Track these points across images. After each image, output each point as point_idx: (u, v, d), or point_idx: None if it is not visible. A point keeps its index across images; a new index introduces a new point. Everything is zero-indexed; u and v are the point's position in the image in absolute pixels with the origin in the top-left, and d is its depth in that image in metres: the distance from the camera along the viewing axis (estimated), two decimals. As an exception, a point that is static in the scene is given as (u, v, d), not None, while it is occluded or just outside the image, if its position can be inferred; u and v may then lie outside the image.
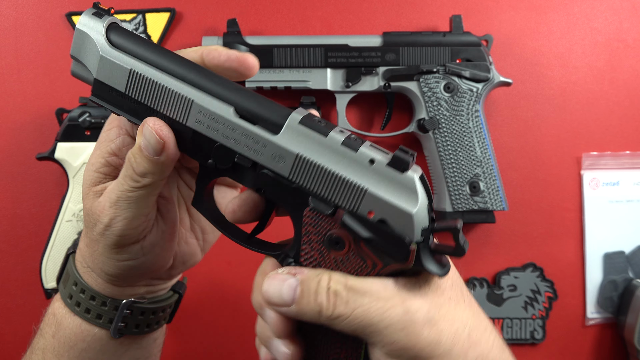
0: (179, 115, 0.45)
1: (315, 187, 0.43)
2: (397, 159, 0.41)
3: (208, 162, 0.46)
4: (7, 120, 0.92)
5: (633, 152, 0.98)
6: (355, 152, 0.42)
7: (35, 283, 0.91)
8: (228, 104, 0.44)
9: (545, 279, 0.96)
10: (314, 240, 0.44)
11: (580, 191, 0.97)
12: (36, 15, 0.92)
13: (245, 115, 0.44)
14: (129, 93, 0.46)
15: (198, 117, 0.45)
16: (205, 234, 0.59)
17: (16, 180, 0.92)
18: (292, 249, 0.46)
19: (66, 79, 0.92)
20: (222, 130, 0.44)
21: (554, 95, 0.98)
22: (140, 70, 0.45)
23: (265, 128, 0.44)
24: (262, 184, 0.45)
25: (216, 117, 0.44)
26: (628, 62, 0.98)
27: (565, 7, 0.98)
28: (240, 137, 0.44)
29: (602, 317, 0.97)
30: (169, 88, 0.45)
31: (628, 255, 0.97)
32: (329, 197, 0.43)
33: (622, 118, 0.98)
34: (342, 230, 0.43)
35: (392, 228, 0.41)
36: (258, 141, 0.44)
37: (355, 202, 0.42)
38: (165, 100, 0.45)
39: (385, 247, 0.41)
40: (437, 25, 0.96)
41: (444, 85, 0.88)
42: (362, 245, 0.42)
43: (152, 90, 0.46)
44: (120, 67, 0.46)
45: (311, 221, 0.44)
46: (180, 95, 0.45)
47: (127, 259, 0.51)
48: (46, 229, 0.91)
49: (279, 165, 0.43)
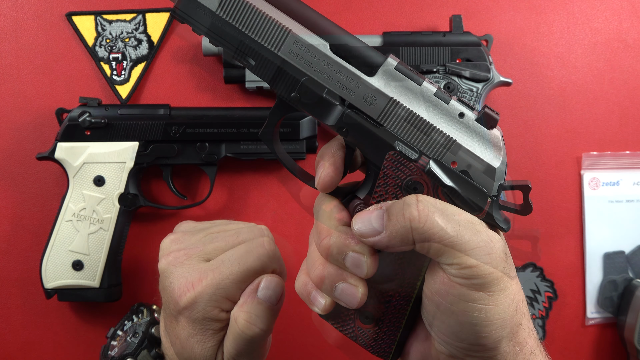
0: (271, 43, 0.45)
1: (402, 132, 0.44)
2: (486, 116, 0.44)
3: (291, 95, 0.45)
4: (7, 120, 0.92)
5: (633, 152, 0.98)
6: (447, 104, 0.44)
7: (35, 283, 0.91)
8: (325, 39, 0.44)
9: (545, 279, 0.96)
10: (390, 184, 0.45)
11: (580, 191, 0.97)
12: (36, 15, 0.92)
13: (340, 52, 0.44)
14: (221, 13, 0.45)
15: (292, 48, 0.44)
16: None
17: (16, 180, 0.92)
18: (361, 191, 0.47)
19: (66, 79, 0.92)
20: (315, 64, 0.44)
21: (554, 95, 0.98)
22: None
23: (359, 68, 0.44)
24: (346, 124, 0.45)
25: (312, 50, 0.44)
26: (628, 62, 0.98)
27: (565, 7, 0.98)
28: (333, 73, 0.44)
29: (602, 317, 0.97)
30: (267, 14, 0.44)
31: (628, 255, 0.97)
32: (415, 143, 0.44)
33: (622, 118, 0.98)
34: (423, 176, 0.44)
35: (473, 179, 0.43)
36: (352, 79, 0.44)
37: (442, 151, 0.44)
38: (260, 26, 0.45)
39: (464, 197, 0.43)
40: (437, 25, 0.96)
41: (444, 85, 0.88)
42: (440, 192, 0.44)
43: (248, 14, 0.45)
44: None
45: (392, 165, 0.45)
46: (277, 23, 0.44)
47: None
48: (46, 229, 0.91)
49: (369, 107, 0.44)
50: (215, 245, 0.58)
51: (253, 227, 0.60)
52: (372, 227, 0.44)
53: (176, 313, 0.56)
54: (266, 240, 0.58)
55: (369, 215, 0.45)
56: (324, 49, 0.44)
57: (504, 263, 0.43)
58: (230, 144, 0.88)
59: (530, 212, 0.45)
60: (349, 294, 0.46)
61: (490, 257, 0.42)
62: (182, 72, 0.94)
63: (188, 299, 0.54)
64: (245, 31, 0.45)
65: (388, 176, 0.45)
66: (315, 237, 0.48)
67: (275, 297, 0.55)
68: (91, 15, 0.92)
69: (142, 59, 0.93)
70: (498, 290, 0.43)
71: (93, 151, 0.85)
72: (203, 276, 0.55)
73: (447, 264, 0.43)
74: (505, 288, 0.43)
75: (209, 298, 0.54)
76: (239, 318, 0.54)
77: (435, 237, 0.42)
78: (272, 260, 0.57)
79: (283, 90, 0.45)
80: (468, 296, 0.43)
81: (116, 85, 0.92)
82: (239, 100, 0.94)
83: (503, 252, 0.44)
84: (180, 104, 0.93)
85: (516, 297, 0.45)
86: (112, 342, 0.73)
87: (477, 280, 0.42)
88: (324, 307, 0.48)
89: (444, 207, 0.43)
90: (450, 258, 0.42)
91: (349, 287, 0.46)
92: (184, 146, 0.88)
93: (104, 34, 0.92)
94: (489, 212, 0.44)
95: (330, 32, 0.45)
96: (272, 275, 0.56)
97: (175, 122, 0.87)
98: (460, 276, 0.43)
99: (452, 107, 0.44)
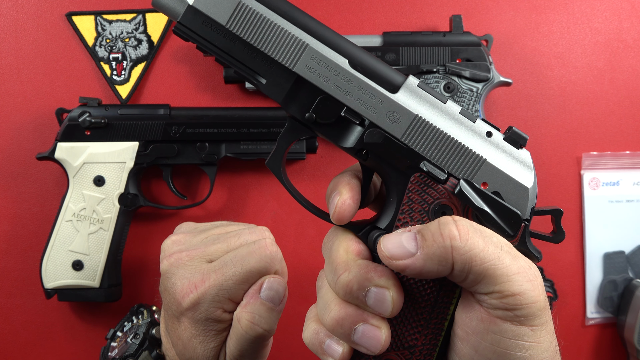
0: (287, 58, 0.42)
1: (429, 151, 0.41)
2: (515, 134, 0.41)
3: (305, 116, 0.42)
4: (7, 120, 0.92)
5: (633, 152, 0.98)
6: (474, 123, 0.42)
7: (35, 283, 0.91)
8: (343, 55, 0.42)
9: (545, 279, 0.96)
10: (416, 210, 0.42)
11: (580, 191, 0.97)
12: (36, 15, 0.92)
13: (360, 69, 0.42)
14: (231, 27, 0.42)
15: (310, 63, 0.41)
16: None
17: (16, 180, 0.92)
18: (382, 221, 0.43)
19: (66, 79, 0.92)
20: (334, 80, 0.41)
21: (554, 95, 0.98)
22: (250, 4, 0.42)
23: (381, 85, 0.42)
24: (367, 144, 0.42)
25: (331, 65, 0.41)
26: (628, 62, 0.98)
27: (565, 7, 0.98)
28: (354, 89, 0.41)
29: (602, 317, 0.97)
30: (282, 28, 0.42)
31: (628, 255, 0.97)
32: (442, 164, 0.41)
33: (622, 118, 0.98)
34: (452, 199, 0.41)
35: (505, 201, 0.41)
36: (374, 96, 0.41)
37: (472, 171, 0.41)
38: (274, 40, 0.42)
39: (497, 221, 0.40)
40: (437, 25, 0.96)
41: (444, 85, 0.88)
42: (470, 216, 0.41)
43: (261, 27, 0.42)
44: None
45: (417, 188, 0.42)
46: (293, 37, 0.41)
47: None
48: (46, 229, 0.91)
49: (393, 126, 0.41)
50: (217, 246, 0.58)
51: (254, 228, 0.60)
52: (404, 249, 0.39)
53: (178, 314, 0.56)
54: (268, 241, 0.57)
55: (399, 237, 0.40)
56: (344, 64, 0.41)
57: (544, 292, 0.39)
58: (230, 144, 0.88)
59: (562, 240, 0.42)
60: (371, 336, 0.41)
61: (533, 284, 0.38)
62: (182, 72, 0.94)
63: (191, 299, 0.54)
64: (259, 46, 0.42)
65: (413, 201, 0.42)
66: (329, 275, 0.44)
67: (279, 297, 0.55)
68: (91, 15, 0.92)
69: (142, 59, 0.93)
70: (540, 324, 0.39)
71: (93, 151, 0.85)
72: (206, 277, 0.55)
73: (486, 294, 0.39)
74: (546, 322, 0.40)
75: (212, 299, 0.54)
76: (243, 319, 0.54)
77: (477, 258, 0.38)
78: (275, 261, 0.57)
79: (296, 111, 0.42)
80: (510, 332, 0.38)
81: (116, 85, 0.92)
82: (239, 100, 0.94)
83: (542, 280, 0.40)
84: (180, 104, 0.93)
85: (554, 334, 0.41)
86: (111, 344, 0.73)
87: (520, 312, 0.38)
88: (341, 356, 0.43)
89: (481, 229, 0.39)
90: (491, 285, 0.38)
91: (371, 328, 0.41)
92: (184, 146, 0.88)
93: (104, 34, 0.92)
94: (521, 238, 0.41)
95: (349, 49, 0.42)
96: (275, 276, 0.56)
97: (175, 122, 0.87)
98: (502, 307, 0.38)
99: (479, 126, 0.42)
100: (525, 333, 0.38)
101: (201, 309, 0.54)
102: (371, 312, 0.42)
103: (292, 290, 0.54)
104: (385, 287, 0.41)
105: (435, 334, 0.43)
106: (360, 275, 0.41)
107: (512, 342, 0.39)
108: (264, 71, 0.42)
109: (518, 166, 0.41)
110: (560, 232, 0.42)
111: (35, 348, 0.92)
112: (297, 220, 0.95)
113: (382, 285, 0.41)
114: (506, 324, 0.38)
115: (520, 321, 0.38)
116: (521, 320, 0.38)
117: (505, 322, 0.39)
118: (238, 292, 0.55)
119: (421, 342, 0.43)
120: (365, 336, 0.41)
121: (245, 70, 0.42)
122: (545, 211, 0.42)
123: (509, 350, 0.39)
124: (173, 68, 0.94)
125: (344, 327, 0.42)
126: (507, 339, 0.39)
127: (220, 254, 0.57)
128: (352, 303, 0.42)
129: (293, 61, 0.42)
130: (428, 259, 0.39)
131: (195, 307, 0.54)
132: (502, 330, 0.39)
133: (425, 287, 0.43)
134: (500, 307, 0.38)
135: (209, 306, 0.54)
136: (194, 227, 0.64)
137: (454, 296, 0.43)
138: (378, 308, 0.41)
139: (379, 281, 0.41)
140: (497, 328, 0.39)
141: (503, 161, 0.41)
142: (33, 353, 0.92)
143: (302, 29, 0.42)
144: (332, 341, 0.43)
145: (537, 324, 0.39)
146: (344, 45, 0.42)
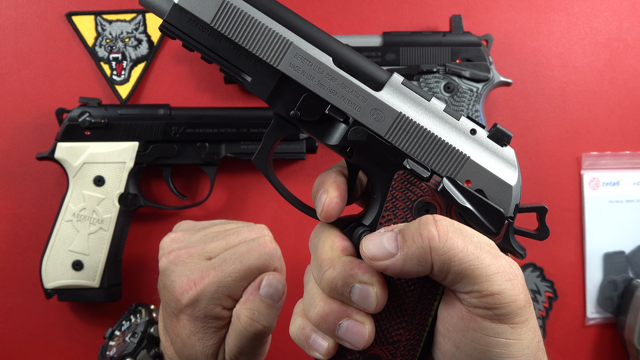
0: (271, 56, 0.42)
1: (412, 149, 0.41)
2: (499, 132, 0.41)
3: (290, 113, 0.43)
4: (7, 120, 0.92)
5: (633, 152, 0.98)
6: (458, 120, 0.42)
7: (35, 283, 0.91)
8: (327, 53, 0.42)
9: (545, 279, 0.96)
10: (399, 207, 0.42)
11: (580, 191, 0.97)
12: (36, 15, 0.92)
13: (343, 67, 0.42)
14: (216, 25, 0.42)
15: (294, 62, 0.42)
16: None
17: (16, 180, 0.92)
18: (367, 217, 0.43)
19: (66, 79, 0.92)
20: (318, 78, 0.42)
21: (554, 95, 0.98)
22: (235, 2, 0.42)
23: (365, 83, 0.42)
24: (351, 142, 0.42)
25: (315, 64, 0.42)
26: (628, 62, 0.98)
27: (565, 7, 0.98)
28: (338, 87, 0.42)
29: (602, 317, 0.97)
30: (266, 26, 0.42)
31: (628, 255, 0.97)
32: (426, 161, 0.41)
33: (622, 118, 0.98)
34: (435, 197, 0.41)
35: (489, 199, 0.41)
36: (358, 94, 0.42)
37: (455, 169, 0.41)
38: (258, 38, 0.42)
39: (480, 219, 0.40)
40: (437, 25, 0.96)
41: (444, 85, 0.88)
42: (453, 214, 0.41)
43: (246, 26, 0.42)
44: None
45: (401, 185, 0.42)
46: (278, 36, 0.42)
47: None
48: (46, 229, 0.91)
49: (376, 123, 0.42)
50: (216, 244, 0.58)
51: (253, 226, 0.60)
52: (385, 249, 0.40)
53: (177, 311, 0.56)
54: (267, 238, 0.57)
55: (380, 237, 0.41)
56: (328, 62, 0.42)
57: (525, 291, 0.40)
58: (230, 144, 0.88)
59: (547, 237, 0.42)
60: (355, 332, 0.42)
61: (512, 283, 0.39)
62: (182, 72, 0.94)
63: (190, 296, 0.54)
64: (243, 44, 0.42)
65: (397, 198, 0.42)
66: (315, 271, 0.44)
67: (278, 294, 0.55)
68: (91, 15, 0.92)
69: (142, 59, 0.93)
70: (521, 322, 0.39)
71: (93, 151, 0.85)
72: (205, 274, 0.55)
73: (466, 292, 0.39)
74: (527, 320, 0.40)
75: (211, 296, 0.54)
76: (242, 315, 0.54)
77: (456, 258, 0.38)
78: (274, 259, 0.57)
79: (281, 109, 0.43)
80: (491, 330, 0.39)
81: (116, 85, 0.92)
82: (239, 100, 0.94)
83: (523, 278, 0.40)
84: (180, 104, 0.93)
85: (537, 331, 0.41)
86: (109, 343, 0.73)
87: (500, 310, 0.38)
88: (326, 350, 0.44)
89: (462, 228, 0.40)
90: (470, 285, 0.39)
91: (355, 324, 0.42)
92: (184, 146, 0.88)
93: (104, 34, 0.92)
94: (505, 235, 0.41)
95: (334, 47, 0.43)
96: (274, 274, 0.56)
97: (175, 122, 0.87)
98: (481, 306, 0.39)
99: (463, 123, 0.42)
100: (505, 331, 0.39)
101: (200, 306, 0.55)
102: (356, 308, 0.42)
103: (291, 289, 0.54)
104: (370, 284, 0.42)
105: (419, 330, 0.43)
106: (345, 272, 0.42)
107: (492, 339, 0.39)
108: (249, 69, 0.43)
109: (502, 164, 0.41)
110: (545, 230, 0.42)
111: (35, 348, 0.92)
112: (296, 220, 0.95)
113: (366, 281, 0.42)
114: (486, 321, 0.39)
115: (500, 319, 0.39)
116: (501, 319, 0.39)
117: (485, 320, 0.39)
118: (237, 289, 0.55)
119: (405, 338, 0.44)
120: (350, 332, 0.42)
121: (230, 68, 0.43)
122: (530, 208, 0.42)
123: (489, 347, 0.39)
124: (173, 68, 0.94)
125: (329, 322, 0.43)
126: (488, 337, 0.39)
127: (219, 252, 0.57)
128: (337, 299, 0.43)
129: (277, 59, 0.42)
130: (408, 259, 0.39)
131: (194, 304, 0.55)
132: (482, 328, 0.39)
133: (409, 284, 0.43)
134: (480, 305, 0.39)
135: (208, 303, 0.54)
136: (193, 225, 0.64)
137: (437, 292, 0.43)
138: (362, 304, 0.42)
139: (363, 277, 0.42)
140: (477, 325, 0.39)
141: (487, 159, 0.41)
142: (33, 353, 0.92)
143: (287, 27, 0.42)
144: (318, 336, 0.44)
145: (518, 322, 0.39)
146: (328, 43, 0.43)
